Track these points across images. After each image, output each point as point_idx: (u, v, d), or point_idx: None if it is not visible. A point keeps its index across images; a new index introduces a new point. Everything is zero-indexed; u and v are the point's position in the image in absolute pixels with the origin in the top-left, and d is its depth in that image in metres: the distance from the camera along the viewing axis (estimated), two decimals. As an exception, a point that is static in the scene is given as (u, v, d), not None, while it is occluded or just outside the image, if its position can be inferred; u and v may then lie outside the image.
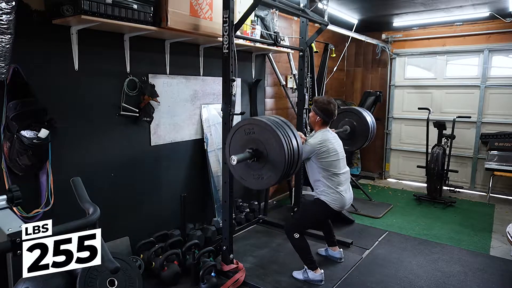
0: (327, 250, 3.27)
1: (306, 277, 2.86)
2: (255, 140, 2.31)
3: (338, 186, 2.81)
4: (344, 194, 2.82)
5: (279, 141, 2.20)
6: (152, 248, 2.90)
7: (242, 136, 2.37)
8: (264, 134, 2.26)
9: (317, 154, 2.77)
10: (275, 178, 2.29)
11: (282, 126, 2.29)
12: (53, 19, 2.29)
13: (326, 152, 2.77)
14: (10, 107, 2.12)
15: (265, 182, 2.34)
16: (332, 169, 2.80)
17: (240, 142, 2.38)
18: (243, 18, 2.69)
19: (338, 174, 2.82)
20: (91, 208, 1.26)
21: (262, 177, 2.34)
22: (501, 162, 4.83)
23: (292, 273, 2.95)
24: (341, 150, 2.91)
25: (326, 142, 2.79)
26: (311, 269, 2.85)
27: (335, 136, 2.96)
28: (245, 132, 2.35)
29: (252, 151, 2.30)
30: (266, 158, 2.28)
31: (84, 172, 2.58)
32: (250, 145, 2.32)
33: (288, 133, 2.28)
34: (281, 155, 2.21)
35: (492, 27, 5.07)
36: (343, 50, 5.71)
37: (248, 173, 2.40)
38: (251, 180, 2.40)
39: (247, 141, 2.34)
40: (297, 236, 2.82)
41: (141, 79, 2.93)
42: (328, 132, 2.91)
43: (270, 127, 2.23)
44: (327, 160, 2.78)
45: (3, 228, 1.07)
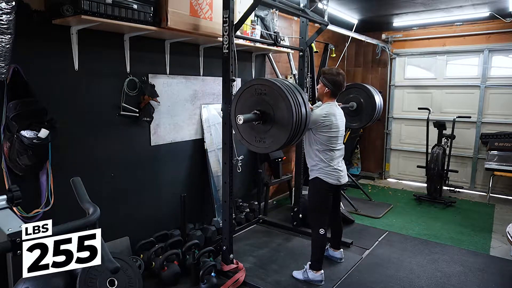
0: (328, 250, 3.27)
1: (306, 277, 2.86)
2: (264, 101, 2.22)
3: (332, 160, 2.79)
4: (337, 167, 2.81)
5: (289, 106, 2.12)
6: (152, 248, 2.90)
7: (251, 96, 2.29)
8: (274, 97, 2.17)
9: (319, 127, 2.72)
10: (278, 144, 2.24)
11: (293, 91, 2.21)
12: (53, 19, 2.29)
13: (328, 127, 2.73)
14: (10, 107, 2.12)
15: (267, 147, 2.29)
16: (328, 144, 2.77)
17: (248, 102, 2.30)
18: (243, 18, 2.70)
19: (334, 150, 2.80)
20: (91, 208, 1.26)
21: (265, 140, 2.30)
22: (501, 162, 4.83)
23: (292, 273, 2.95)
24: (342, 128, 2.87)
25: (331, 116, 2.74)
26: (314, 269, 2.84)
27: (341, 113, 2.91)
28: (256, 92, 2.26)
29: (259, 112, 2.23)
30: (273, 122, 2.21)
31: (84, 172, 2.58)
32: (258, 107, 2.25)
33: (299, 99, 2.20)
34: (289, 120, 2.14)
35: (492, 27, 5.07)
36: (343, 50, 5.71)
37: (252, 135, 2.34)
38: (253, 143, 2.35)
39: (255, 101, 2.27)
40: (322, 232, 2.81)
41: (141, 79, 2.93)
42: (335, 106, 2.85)
43: (282, 90, 2.14)
44: (326, 135, 2.74)
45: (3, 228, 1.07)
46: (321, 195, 2.87)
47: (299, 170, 3.87)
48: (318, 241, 2.85)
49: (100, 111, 2.70)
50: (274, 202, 4.85)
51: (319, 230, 2.82)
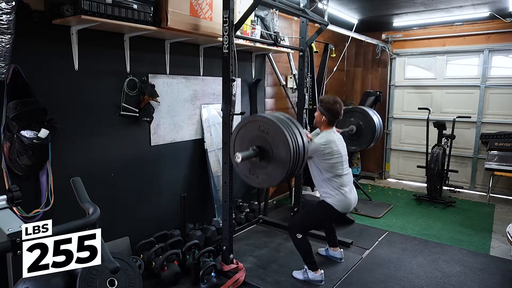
0: (328, 250, 3.27)
1: (306, 277, 2.86)
2: (261, 137, 2.25)
3: (342, 187, 2.79)
4: (348, 195, 2.81)
5: (285, 141, 2.14)
6: (152, 248, 2.90)
7: (247, 133, 2.32)
8: (271, 132, 2.20)
9: (321, 155, 2.75)
10: (279, 178, 2.25)
11: (288, 124, 2.24)
12: (53, 19, 2.29)
13: (329, 154, 2.75)
14: (10, 107, 2.12)
15: (268, 182, 2.31)
16: (335, 170, 2.78)
17: (246, 138, 2.33)
18: (243, 18, 2.69)
19: (341, 175, 2.81)
20: (91, 208, 1.26)
21: (258, 176, 2.31)
22: (501, 162, 4.83)
23: (292, 273, 2.95)
24: (344, 153, 2.89)
25: (331, 143, 2.76)
26: (312, 270, 2.85)
27: (340, 138, 2.94)
28: (251, 129, 2.29)
29: (257, 149, 2.26)
30: (271, 157, 2.23)
31: (84, 172, 2.58)
32: (256, 143, 2.27)
33: (295, 131, 2.23)
34: (287, 155, 2.15)
35: (492, 27, 5.07)
36: (343, 50, 5.71)
37: (252, 171, 2.35)
38: (254, 179, 2.36)
39: (252, 138, 2.29)
40: (299, 236, 2.81)
41: (141, 79, 2.93)
42: (333, 133, 2.88)
43: (277, 125, 2.16)
44: (330, 162, 2.76)
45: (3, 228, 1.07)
46: (322, 219, 2.93)
47: (299, 170, 3.86)
48: (299, 245, 2.85)
49: (100, 111, 2.70)
50: (274, 202, 4.86)
51: (296, 235, 2.82)
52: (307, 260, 2.85)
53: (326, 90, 5.48)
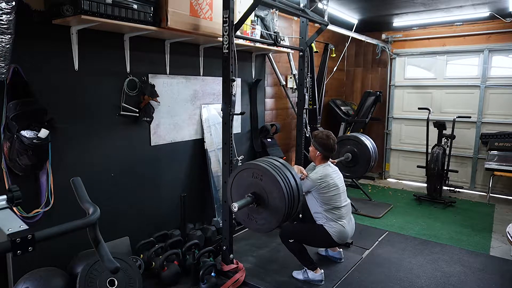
0: (327, 250, 3.27)
1: (306, 277, 2.86)
2: (256, 184, 2.33)
3: (339, 219, 2.83)
4: (346, 226, 2.84)
5: (279, 187, 2.21)
6: (152, 248, 2.90)
7: (243, 180, 2.40)
8: (264, 179, 2.28)
9: (317, 189, 2.80)
10: (276, 223, 2.32)
11: (280, 169, 2.30)
12: (53, 19, 2.29)
13: (326, 187, 2.80)
14: (10, 107, 2.12)
15: (267, 226, 2.38)
16: (332, 203, 2.82)
17: (242, 185, 2.41)
18: (243, 18, 2.69)
19: (339, 207, 2.84)
20: (91, 208, 1.26)
21: (257, 221, 2.39)
22: (501, 162, 4.82)
23: (292, 273, 2.95)
24: (341, 184, 2.94)
25: (326, 177, 2.82)
26: (311, 269, 2.85)
27: (336, 170, 2.99)
28: (246, 175, 2.37)
29: (253, 195, 2.33)
30: (267, 203, 2.31)
31: (84, 172, 2.58)
32: (251, 189, 2.35)
33: (287, 174, 2.30)
34: (281, 201, 2.23)
35: (492, 27, 5.07)
36: (343, 50, 5.72)
37: (250, 216, 2.43)
38: (253, 224, 2.44)
39: (248, 185, 2.37)
40: (291, 241, 2.84)
41: (141, 79, 2.93)
42: (329, 167, 2.94)
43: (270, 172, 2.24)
44: (327, 195, 2.81)
45: (3, 228, 1.07)
46: (317, 242, 2.96)
47: (299, 170, 3.86)
48: (293, 249, 2.87)
49: (100, 111, 2.70)
50: (274, 202, 4.85)
51: (288, 239, 2.85)
52: (305, 261, 2.86)
53: (326, 90, 5.48)
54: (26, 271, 2.29)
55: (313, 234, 2.89)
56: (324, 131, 3.01)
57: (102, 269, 2.31)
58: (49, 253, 2.42)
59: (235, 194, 2.47)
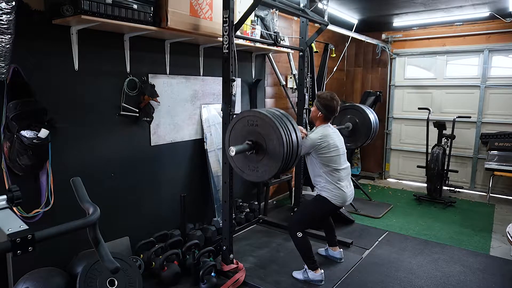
0: (327, 250, 3.26)
1: (306, 277, 2.86)
2: (256, 132, 2.28)
3: (339, 181, 2.80)
4: (345, 189, 2.82)
5: (279, 136, 2.17)
6: (152, 248, 2.90)
7: (243, 127, 2.35)
8: (265, 127, 2.24)
9: (317, 150, 2.76)
10: (272, 172, 2.28)
11: (282, 119, 2.27)
12: (53, 19, 2.29)
13: (326, 148, 2.76)
14: (10, 107, 2.12)
15: (262, 175, 2.34)
16: (332, 164, 2.79)
17: (241, 132, 2.36)
18: (243, 18, 2.70)
19: (339, 169, 2.81)
20: (91, 208, 1.26)
21: (259, 169, 2.34)
22: (501, 162, 4.83)
23: (292, 273, 2.95)
24: (341, 146, 2.89)
25: (326, 137, 2.78)
26: (312, 269, 2.84)
27: (336, 132, 2.94)
28: (247, 123, 2.32)
29: (251, 143, 2.29)
30: (265, 151, 2.27)
31: (84, 172, 2.58)
32: (250, 137, 2.31)
33: (289, 127, 2.26)
34: (280, 149, 2.19)
35: (492, 27, 5.07)
36: (343, 50, 5.71)
37: (246, 164, 2.39)
38: (248, 172, 2.40)
39: (247, 132, 2.32)
40: (300, 235, 2.81)
41: (141, 79, 2.93)
42: (329, 128, 2.89)
43: (272, 120, 2.20)
44: (327, 156, 2.77)
45: (3, 228, 1.07)
46: (320, 212, 2.92)
47: (299, 170, 3.86)
48: (299, 244, 2.85)
49: (100, 111, 2.70)
50: (274, 202, 4.86)
51: (296, 233, 2.82)
52: (308, 259, 2.85)
53: (326, 90, 5.48)
54: (26, 271, 2.29)
55: (313, 207, 2.89)
56: (328, 92, 2.95)
57: (102, 269, 2.31)
58: (49, 253, 2.42)
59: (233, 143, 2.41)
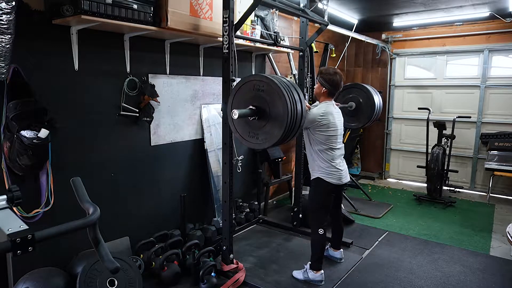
0: (328, 250, 3.26)
1: (306, 277, 2.86)
2: (261, 98, 2.23)
3: (333, 160, 2.80)
4: (338, 167, 2.82)
5: (285, 104, 2.13)
6: (152, 248, 2.90)
7: (248, 91, 2.30)
8: (271, 94, 2.19)
9: (316, 127, 2.75)
10: (271, 141, 2.26)
11: (290, 89, 2.22)
12: (53, 19, 2.29)
13: (326, 126, 2.74)
14: (10, 107, 2.12)
15: (262, 143, 2.31)
16: (328, 143, 2.78)
17: (245, 97, 2.32)
18: (243, 18, 2.69)
19: (334, 149, 2.81)
20: (91, 208, 1.26)
21: (259, 136, 2.31)
22: (501, 162, 4.83)
23: (292, 273, 2.95)
24: (340, 127, 2.89)
25: (328, 115, 2.75)
26: (314, 269, 2.85)
27: (338, 112, 2.92)
28: (254, 88, 2.27)
29: (255, 108, 2.25)
30: (268, 119, 2.23)
31: (84, 172, 2.58)
32: (255, 102, 2.26)
33: (294, 96, 2.22)
34: (284, 117, 2.15)
35: (492, 27, 5.07)
36: (343, 50, 5.71)
37: (246, 129, 2.37)
38: (248, 139, 2.37)
39: (252, 97, 2.28)
40: (321, 232, 2.83)
41: (141, 79, 2.93)
42: (332, 106, 2.86)
43: (280, 88, 2.15)
44: (324, 134, 2.76)
45: (3, 228, 1.07)
46: (322, 195, 2.88)
47: (299, 170, 3.86)
48: (317, 241, 2.86)
49: (100, 111, 2.70)
50: (274, 202, 4.86)
51: (318, 230, 2.83)
52: (318, 257, 2.84)
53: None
54: (26, 271, 2.29)
55: (316, 194, 2.88)
56: (330, 67, 2.92)
57: (102, 269, 2.31)
58: (49, 253, 2.42)
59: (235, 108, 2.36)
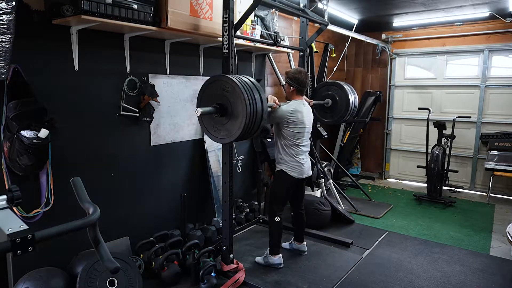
0: (292, 244, 3.36)
1: (267, 261, 3.06)
2: (225, 97, 2.41)
3: (297, 155, 2.93)
4: (301, 161, 2.96)
5: (244, 106, 2.31)
6: (152, 248, 2.90)
7: (216, 89, 2.47)
8: (234, 96, 2.36)
9: (285, 123, 2.86)
10: (231, 137, 2.43)
11: (252, 91, 2.38)
12: (53, 19, 2.29)
13: (293, 123, 2.86)
14: (10, 107, 2.12)
15: (229, 137, 2.47)
16: (294, 139, 2.90)
17: (210, 97, 2.49)
18: (243, 18, 2.70)
19: (299, 145, 2.94)
20: (91, 208, 1.26)
21: (221, 132, 2.49)
22: (501, 162, 4.83)
23: (255, 259, 3.13)
24: (309, 125, 3.00)
25: (297, 113, 2.88)
26: (273, 254, 3.02)
27: (308, 110, 3.04)
28: (220, 87, 2.45)
29: (219, 106, 2.41)
30: (230, 117, 2.40)
31: (84, 172, 2.58)
32: (220, 100, 2.43)
33: (255, 96, 2.38)
34: (242, 118, 2.32)
35: (492, 27, 5.07)
36: (343, 50, 5.71)
37: (211, 124, 2.53)
38: (213, 133, 2.54)
39: (215, 97, 2.45)
40: (277, 220, 2.99)
41: (141, 79, 2.93)
42: (302, 104, 2.97)
43: (241, 92, 2.32)
44: (291, 130, 2.88)
45: (3, 228, 1.07)
46: (283, 187, 3.03)
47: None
48: (274, 228, 3.04)
49: (100, 111, 2.70)
50: (274, 202, 4.85)
51: (274, 218, 3.00)
52: (275, 243, 3.02)
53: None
54: (26, 271, 2.29)
55: (277, 184, 3.04)
56: (295, 68, 3.10)
57: (102, 269, 2.31)
58: (49, 253, 2.42)
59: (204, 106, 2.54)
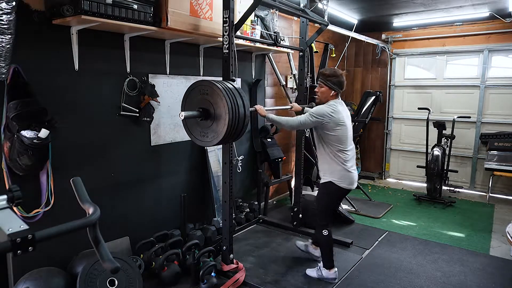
0: (307, 247, 3.25)
1: (320, 275, 2.88)
2: (206, 100, 2.46)
3: (345, 162, 2.74)
4: (351, 169, 2.77)
5: (225, 103, 2.35)
6: (152, 248, 2.90)
7: (196, 95, 2.52)
8: (214, 96, 2.41)
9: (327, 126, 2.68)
10: (218, 138, 2.46)
11: (231, 92, 2.43)
12: (53, 19, 2.29)
13: (336, 124, 2.68)
14: (10, 107, 2.12)
15: (210, 140, 2.52)
16: (339, 145, 2.72)
17: (194, 100, 2.54)
18: (243, 18, 2.69)
19: (345, 151, 2.74)
20: (91, 208, 1.26)
21: (207, 135, 2.53)
22: (500, 162, 4.83)
23: (306, 271, 2.97)
24: (350, 127, 2.83)
25: (339, 113, 2.71)
26: (327, 268, 2.86)
27: (348, 111, 2.86)
28: (200, 92, 2.49)
29: (202, 110, 2.46)
30: (214, 118, 2.45)
31: (84, 172, 2.58)
32: (202, 105, 2.48)
33: (238, 101, 2.43)
34: (226, 116, 2.36)
35: (492, 27, 5.07)
36: (343, 50, 5.72)
37: (197, 130, 2.58)
38: (197, 136, 2.59)
39: (197, 102, 2.51)
40: (325, 234, 2.84)
41: (141, 79, 2.93)
42: (340, 105, 2.79)
43: (220, 91, 2.37)
44: (335, 134, 2.70)
45: (3, 228, 1.07)
46: (332, 200, 2.91)
47: (299, 170, 3.86)
48: (324, 242, 2.90)
49: (100, 111, 2.70)
50: (274, 202, 4.86)
51: (322, 231, 2.85)
52: (328, 258, 2.86)
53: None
54: (26, 271, 2.29)
55: (325, 196, 2.86)
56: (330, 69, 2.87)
57: (102, 269, 2.31)
58: (49, 253, 2.42)
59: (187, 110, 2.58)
